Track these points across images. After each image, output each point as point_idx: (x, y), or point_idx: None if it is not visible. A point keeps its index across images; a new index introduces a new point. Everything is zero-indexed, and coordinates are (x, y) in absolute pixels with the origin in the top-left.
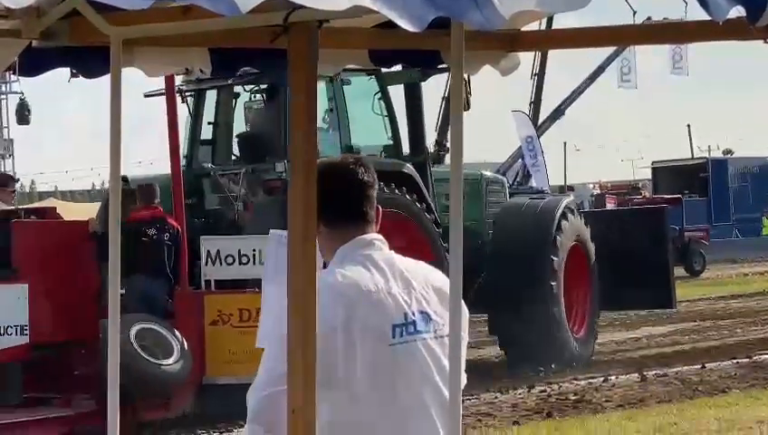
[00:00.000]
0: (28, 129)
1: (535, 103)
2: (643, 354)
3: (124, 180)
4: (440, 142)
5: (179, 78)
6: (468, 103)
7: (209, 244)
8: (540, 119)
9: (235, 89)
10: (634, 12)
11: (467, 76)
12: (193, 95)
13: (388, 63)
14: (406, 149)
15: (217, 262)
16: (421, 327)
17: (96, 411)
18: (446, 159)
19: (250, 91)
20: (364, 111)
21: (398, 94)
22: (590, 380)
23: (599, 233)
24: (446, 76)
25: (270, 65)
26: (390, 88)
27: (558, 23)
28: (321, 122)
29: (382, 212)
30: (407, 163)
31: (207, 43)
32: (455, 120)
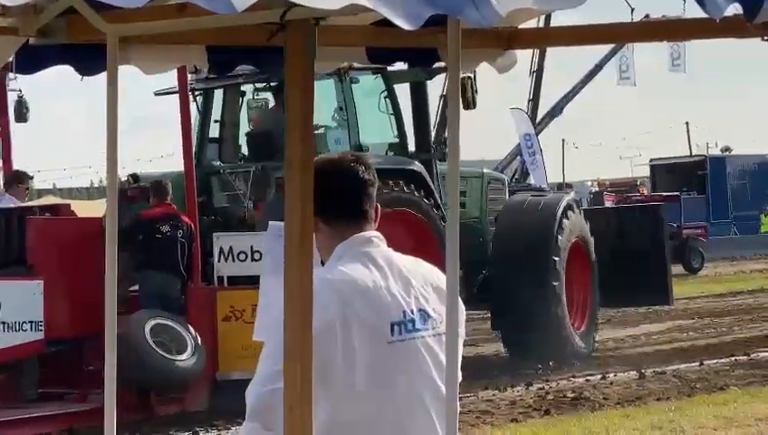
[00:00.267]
0: (26, 126)
1: (534, 101)
2: (641, 352)
3: (135, 178)
4: (439, 140)
5: (188, 77)
6: (474, 102)
7: (222, 240)
8: (538, 116)
9: (243, 87)
10: (632, 9)
11: (473, 74)
12: (202, 94)
13: (385, 61)
14: (411, 148)
15: (230, 258)
16: (420, 325)
17: None
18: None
19: (258, 90)
20: (370, 110)
21: (403, 94)
22: (589, 377)
23: (596, 230)
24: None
25: (267, 63)
26: (396, 87)
27: (556, 20)
28: (330, 121)
29: (392, 211)
30: (414, 161)
31: (204, 40)
32: (452, 119)
